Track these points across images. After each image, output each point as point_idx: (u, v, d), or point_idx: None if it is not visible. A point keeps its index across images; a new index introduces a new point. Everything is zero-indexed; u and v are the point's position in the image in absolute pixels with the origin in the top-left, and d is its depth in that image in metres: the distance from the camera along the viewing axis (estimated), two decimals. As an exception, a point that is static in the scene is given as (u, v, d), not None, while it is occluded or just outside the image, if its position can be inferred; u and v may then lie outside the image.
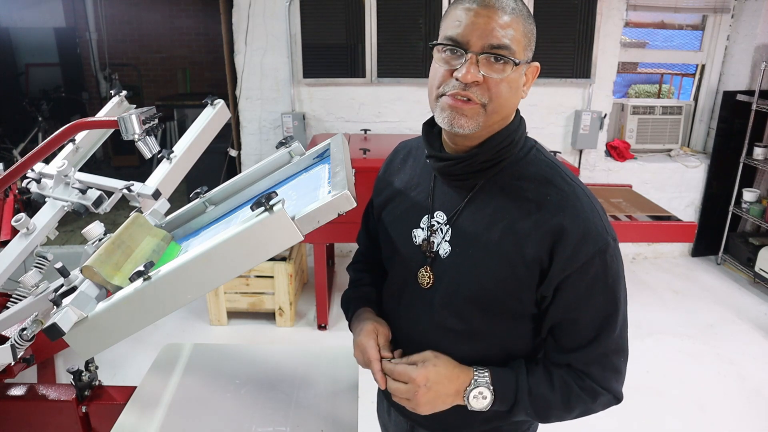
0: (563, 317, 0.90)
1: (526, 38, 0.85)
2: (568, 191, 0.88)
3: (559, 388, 0.92)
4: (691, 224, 3.13)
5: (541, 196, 0.87)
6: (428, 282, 0.97)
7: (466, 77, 0.82)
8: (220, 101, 1.36)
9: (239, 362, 1.32)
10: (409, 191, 1.04)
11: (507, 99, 0.86)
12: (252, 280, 3.11)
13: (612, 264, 0.87)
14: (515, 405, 0.92)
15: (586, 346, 0.90)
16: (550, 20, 3.59)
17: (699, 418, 2.49)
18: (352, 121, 3.82)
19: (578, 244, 0.84)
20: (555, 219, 0.85)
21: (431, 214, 0.98)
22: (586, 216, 0.85)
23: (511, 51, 0.83)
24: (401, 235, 1.02)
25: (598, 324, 0.89)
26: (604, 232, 0.86)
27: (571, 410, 0.93)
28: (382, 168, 1.14)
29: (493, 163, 0.90)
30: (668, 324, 3.28)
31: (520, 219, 0.87)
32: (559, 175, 0.90)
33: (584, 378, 0.92)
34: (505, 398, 0.92)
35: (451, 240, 0.94)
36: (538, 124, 3.83)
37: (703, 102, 4.22)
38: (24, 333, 1.11)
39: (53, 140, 1.17)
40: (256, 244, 0.82)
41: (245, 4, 3.55)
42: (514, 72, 0.84)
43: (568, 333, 0.92)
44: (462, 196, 0.94)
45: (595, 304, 0.88)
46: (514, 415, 0.94)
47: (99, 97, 6.58)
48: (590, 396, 0.92)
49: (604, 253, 0.85)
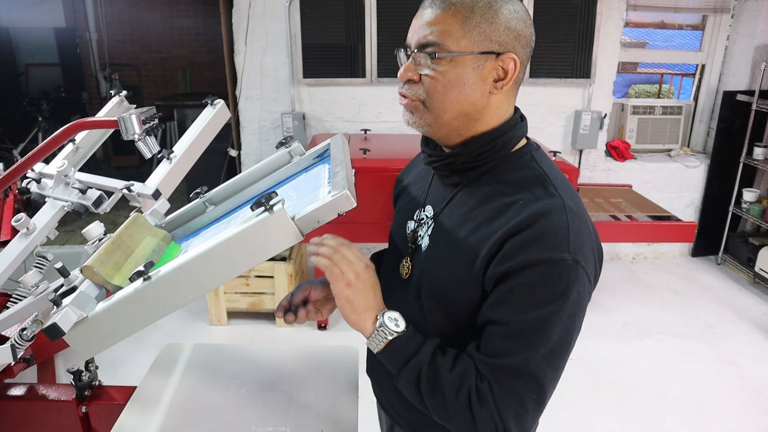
0: (490, 316, 0.82)
1: (473, 29, 0.82)
2: (543, 198, 0.82)
3: (457, 372, 0.82)
4: (691, 224, 3.14)
5: (514, 201, 0.84)
6: (407, 272, 1.00)
7: (402, 75, 0.88)
8: (220, 101, 1.36)
9: (239, 362, 1.32)
10: (413, 186, 1.09)
11: (446, 95, 0.85)
12: (252, 280, 3.11)
13: (558, 282, 0.78)
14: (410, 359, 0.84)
15: (498, 357, 0.80)
16: (550, 20, 3.59)
17: (699, 418, 2.49)
18: (352, 121, 3.82)
19: (525, 244, 0.78)
20: (515, 219, 0.81)
21: (423, 208, 1.01)
22: (549, 222, 0.79)
23: (440, 47, 0.83)
24: (399, 226, 1.07)
25: (519, 339, 0.79)
26: (564, 246, 0.78)
27: (457, 402, 0.81)
28: (406, 165, 1.21)
29: (474, 164, 0.90)
30: (668, 324, 3.28)
31: (487, 221, 0.85)
32: (542, 184, 0.85)
33: (483, 380, 0.81)
34: (410, 342, 0.85)
35: (431, 234, 0.96)
36: (538, 124, 3.83)
37: (703, 102, 4.22)
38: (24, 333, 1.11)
39: (53, 140, 1.17)
40: (256, 244, 0.82)
41: (245, 4, 3.54)
42: (456, 66, 0.83)
43: (488, 336, 0.82)
44: (449, 193, 0.96)
45: (524, 316, 0.79)
46: (402, 375, 0.85)
47: (99, 97, 6.58)
48: (479, 401, 0.80)
49: (552, 264, 0.77)
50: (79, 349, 0.89)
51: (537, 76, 3.72)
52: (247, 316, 3.26)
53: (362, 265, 0.89)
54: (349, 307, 0.87)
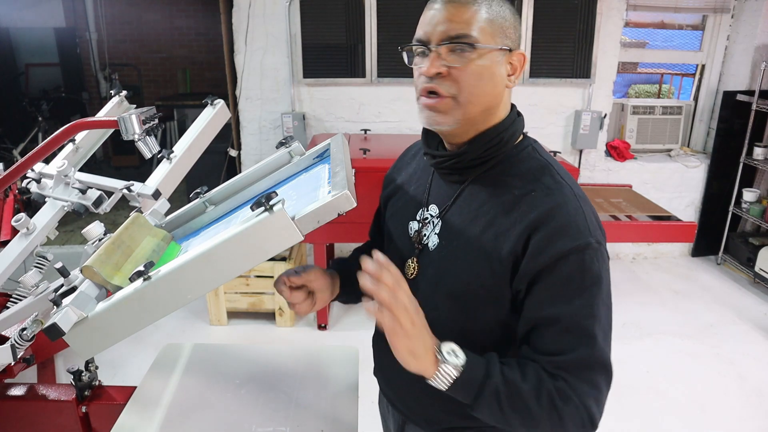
0: (537, 317, 0.84)
1: (493, 25, 0.84)
2: (554, 188, 0.86)
3: (531, 379, 0.82)
4: (691, 224, 3.14)
5: (526, 192, 0.87)
6: (412, 273, 0.99)
7: (429, 71, 0.85)
8: (220, 101, 1.36)
9: (239, 362, 1.32)
10: (409, 185, 1.07)
11: (477, 87, 0.85)
12: (252, 280, 3.11)
13: (591, 266, 0.82)
14: (484, 384, 0.81)
15: (563, 353, 0.82)
16: (550, 20, 3.59)
17: (699, 418, 2.49)
18: (352, 121, 3.82)
19: (553, 238, 0.81)
20: (533, 213, 0.84)
21: (426, 207, 1.00)
22: (567, 212, 0.83)
23: (470, 38, 0.83)
24: (398, 227, 1.05)
25: (576, 330, 0.82)
26: (586, 232, 0.83)
27: (541, 408, 0.81)
28: (393, 165, 1.18)
29: (482, 160, 0.92)
30: (668, 324, 3.28)
31: (502, 214, 0.87)
32: (549, 173, 0.89)
33: (558, 379, 0.82)
34: (476, 367, 0.82)
35: (440, 233, 0.96)
36: (538, 124, 3.83)
37: (703, 102, 4.22)
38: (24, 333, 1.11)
39: (53, 140, 1.17)
40: (256, 244, 0.82)
41: (245, 4, 3.54)
42: (482, 59, 0.84)
43: (544, 336, 0.84)
44: (454, 191, 0.96)
45: (571, 307, 0.82)
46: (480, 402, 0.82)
47: (99, 97, 6.59)
48: (563, 400, 0.81)
49: (582, 252, 0.82)
50: (79, 349, 0.89)
51: (537, 76, 3.72)
52: (247, 316, 3.26)
53: (414, 305, 0.81)
54: (411, 357, 0.80)
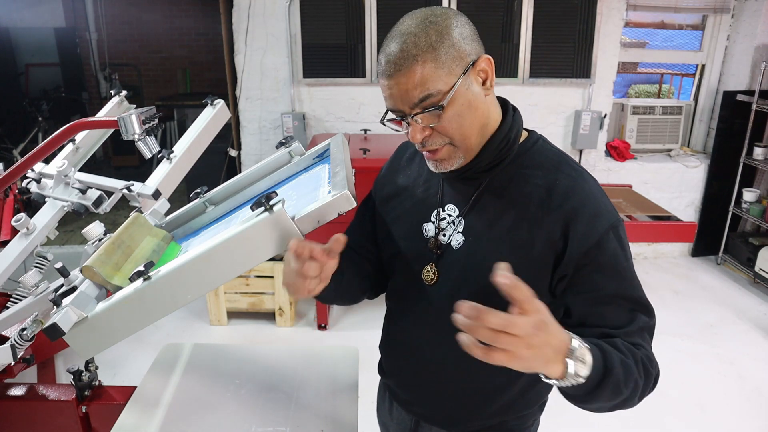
0: (596, 296, 0.87)
1: (444, 63, 0.83)
2: (576, 176, 0.91)
3: (627, 351, 0.82)
4: (691, 224, 3.14)
5: (550, 182, 0.90)
6: (432, 278, 0.98)
7: (416, 138, 0.88)
8: (220, 101, 1.36)
9: (239, 362, 1.32)
10: (416, 188, 1.04)
11: (464, 124, 0.87)
12: (252, 280, 3.11)
13: (623, 238, 0.90)
14: (606, 375, 0.77)
15: (630, 323, 0.87)
16: (550, 20, 3.59)
17: (699, 418, 2.49)
18: (352, 121, 3.82)
19: (591, 222, 0.87)
20: (567, 202, 0.88)
21: (442, 208, 0.99)
22: (595, 196, 0.90)
23: (433, 97, 0.84)
24: (408, 230, 1.02)
25: (633, 301, 0.88)
26: (613, 210, 0.90)
27: (643, 378, 0.83)
28: (385, 165, 1.16)
29: (496, 163, 0.93)
30: (668, 324, 3.28)
31: (532, 205, 0.90)
32: (566, 161, 0.94)
33: (639, 347, 0.86)
34: (597, 364, 0.76)
35: (464, 231, 0.95)
36: (538, 124, 3.83)
37: (703, 102, 4.22)
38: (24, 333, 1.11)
39: (53, 140, 1.17)
40: (256, 244, 0.82)
41: (245, 4, 3.54)
42: (454, 101, 0.85)
43: (606, 312, 0.87)
44: (473, 188, 0.95)
45: (624, 281, 0.88)
46: (600, 392, 0.77)
47: (99, 97, 6.59)
48: (651, 364, 0.86)
49: (617, 228, 0.88)
50: (79, 349, 0.89)
51: (537, 76, 3.72)
52: (247, 316, 3.26)
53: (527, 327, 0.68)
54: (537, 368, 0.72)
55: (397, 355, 1.12)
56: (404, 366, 1.10)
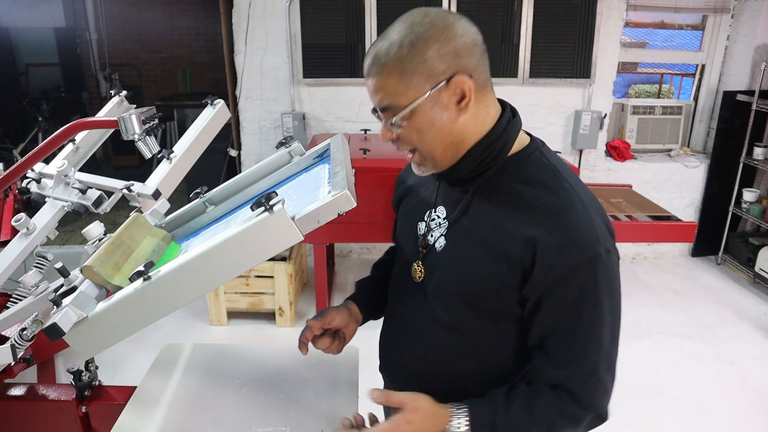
0: (553, 327, 0.88)
1: (410, 79, 0.82)
2: (562, 197, 0.86)
3: (540, 420, 0.88)
4: (691, 224, 3.14)
5: (534, 198, 0.87)
6: (420, 276, 1.01)
7: (383, 137, 0.90)
8: (220, 101, 1.36)
9: (239, 362, 1.32)
10: (420, 187, 1.08)
11: (425, 139, 0.87)
12: (252, 280, 3.11)
13: (603, 275, 0.84)
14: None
15: (577, 362, 0.86)
16: (550, 20, 3.59)
17: (699, 418, 2.49)
18: (352, 121, 3.82)
19: (561, 252, 0.82)
20: (542, 224, 0.84)
21: (434, 209, 1.01)
22: (575, 225, 0.83)
23: (392, 109, 0.85)
24: (407, 228, 1.07)
25: (590, 337, 0.86)
26: (596, 242, 0.83)
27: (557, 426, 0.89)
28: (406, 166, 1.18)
29: (478, 173, 0.92)
30: (668, 324, 3.28)
31: (510, 218, 0.88)
32: (557, 179, 0.88)
33: (569, 404, 0.88)
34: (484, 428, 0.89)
35: (447, 234, 0.97)
36: (538, 124, 3.83)
37: (703, 102, 4.22)
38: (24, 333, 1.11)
39: (53, 140, 1.17)
40: (256, 244, 0.82)
41: (245, 4, 3.55)
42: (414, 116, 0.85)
43: (559, 346, 0.88)
44: (461, 194, 0.96)
45: (586, 317, 0.85)
46: None
47: (99, 97, 6.59)
48: (573, 423, 0.89)
49: (593, 262, 0.83)
50: (79, 349, 0.89)
51: (537, 76, 3.72)
52: (247, 316, 3.26)
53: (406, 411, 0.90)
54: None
55: (388, 350, 1.14)
56: (395, 361, 1.12)
